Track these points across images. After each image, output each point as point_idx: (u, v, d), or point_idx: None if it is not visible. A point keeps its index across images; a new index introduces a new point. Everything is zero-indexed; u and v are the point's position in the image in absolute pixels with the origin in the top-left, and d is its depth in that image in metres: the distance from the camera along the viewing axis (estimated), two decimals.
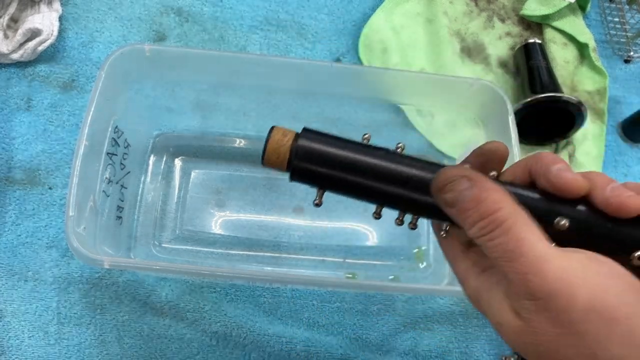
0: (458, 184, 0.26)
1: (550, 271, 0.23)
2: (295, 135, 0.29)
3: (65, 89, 0.62)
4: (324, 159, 0.28)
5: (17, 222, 0.56)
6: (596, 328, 0.22)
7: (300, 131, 0.29)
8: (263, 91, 0.56)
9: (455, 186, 0.26)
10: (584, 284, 0.22)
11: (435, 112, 0.60)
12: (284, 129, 0.29)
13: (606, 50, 0.74)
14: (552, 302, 0.22)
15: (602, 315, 0.22)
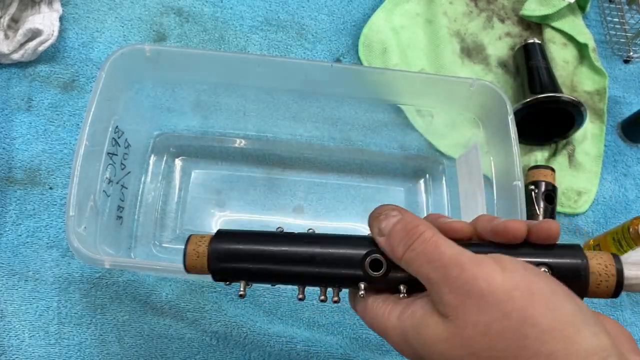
0: (390, 214, 0.29)
1: (467, 260, 0.25)
2: (210, 240, 0.30)
3: (66, 89, 0.62)
4: (237, 256, 0.30)
5: (18, 222, 0.56)
6: (520, 305, 0.23)
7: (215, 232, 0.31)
8: (263, 91, 0.57)
9: (388, 216, 0.29)
10: (499, 268, 0.25)
11: (435, 112, 0.60)
12: (199, 237, 0.31)
13: (606, 51, 0.74)
14: (475, 287, 0.24)
15: (524, 291, 0.24)
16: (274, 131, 0.63)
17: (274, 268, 0.30)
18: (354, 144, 0.63)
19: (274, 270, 0.30)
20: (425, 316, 0.26)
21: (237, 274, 0.30)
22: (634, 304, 0.60)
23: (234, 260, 0.30)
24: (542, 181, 0.60)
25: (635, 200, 0.66)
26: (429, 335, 0.26)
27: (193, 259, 0.30)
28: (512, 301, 0.24)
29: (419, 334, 0.26)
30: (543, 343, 0.23)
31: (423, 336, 0.26)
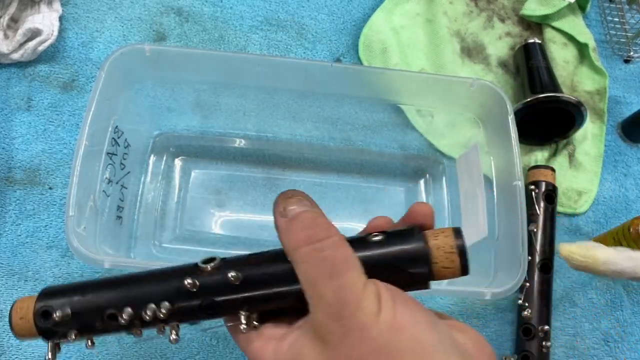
0: (303, 201, 0.27)
1: (361, 289, 0.24)
2: (35, 300, 0.29)
3: (66, 89, 0.62)
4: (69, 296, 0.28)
5: (17, 222, 0.56)
6: (388, 339, 0.24)
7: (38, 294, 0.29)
8: (263, 91, 0.57)
9: (301, 199, 0.27)
10: (382, 300, 0.24)
11: (435, 112, 0.60)
12: (21, 301, 0.29)
13: (606, 50, 0.74)
14: (359, 319, 0.24)
15: (392, 325, 0.24)
16: (274, 131, 0.63)
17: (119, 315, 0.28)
18: (354, 144, 0.63)
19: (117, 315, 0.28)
20: (302, 348, 0.25)
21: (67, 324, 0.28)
22: (635, 304, 0.60)
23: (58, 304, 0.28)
24: (542, 181, 0.60)
25: (635, 200, 0.66)
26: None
27: (19, 325, 0.28)
28: (381, 335, 0.24)
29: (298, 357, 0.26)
30: None
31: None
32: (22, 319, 0.28)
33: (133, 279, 0.28)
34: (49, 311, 0.28)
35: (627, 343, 0.59)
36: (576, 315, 0.59)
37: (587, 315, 0.59)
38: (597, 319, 0.59)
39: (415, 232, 0.27)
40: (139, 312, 0.27)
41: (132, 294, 0.28)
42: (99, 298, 0.28)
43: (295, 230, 0.26)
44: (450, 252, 0.26)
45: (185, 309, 0.28)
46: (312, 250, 0.25)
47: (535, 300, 0.56)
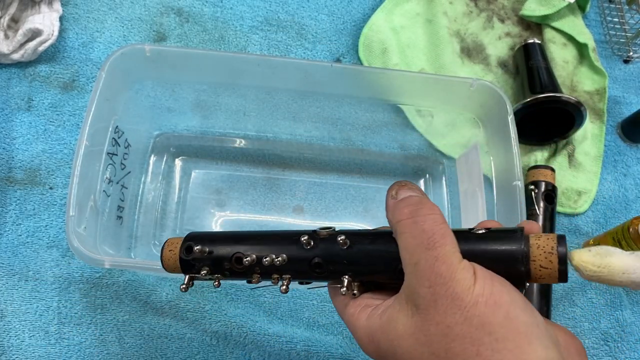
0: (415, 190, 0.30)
1: (455, 262, 0.26)
2: (183, 239, 0.34)
3: (66, 89, 0.62)
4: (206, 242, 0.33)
5: (18, 222, 0.56)
6: (482, 311, 0.24)
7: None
8: (263, 91, 0.57)
9: (411, 189, 0.30)
10: (477, 276, 0.25)
11: (435, 112, 0.60)
12: (173, 239, 0.35)
13: (605, 51, 0.74)
14: (451, 288, 0.25)
15: (488, 299, 0.25)
16: (274, 131, 0.63)
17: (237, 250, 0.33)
18: (354, 144, 0.63)
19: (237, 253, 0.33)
20: (395, 313, 0.27)
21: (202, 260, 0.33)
22: (634, 304, 0.60)
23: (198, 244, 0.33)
24: (542, 181, 0.60)
25: (635, 200, 0.66)
26: (397, 332, 0.27)
27: (167, 253, 0.34)
28: (475, 307, 0.25)
29: (387, 332, 0.27)
30: (495, 352, 0.24)
31: (392, 333, 0.27)
32: (171, 251, 0.34)
33: (262, 234, 0.33)
34: (191, 247, 0.33)
35: (627, 343, 0.59)
36: (576, 315, 0.59)
37: (587, 315, 0.59)
38: (597, 319, 0.59)
39: (518, 231, 0.28)
40: (260, 259, 0.32)
41: (256, 245, 0.32)
42: (232, 244, 0.33)
43: (401, 207, 0.28)
44: (550, 252, 0.27)
45: (298, 264, 0.32)
46: (413, 222, 0.27)
47: (535, 300, 0.56)
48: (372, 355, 0.29)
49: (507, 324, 0.24)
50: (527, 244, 0.27)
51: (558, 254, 0.27)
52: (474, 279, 0.25)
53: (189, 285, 0.34)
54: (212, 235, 0.34)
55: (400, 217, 0.28)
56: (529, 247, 0.27)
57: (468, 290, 0.25)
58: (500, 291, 0.25)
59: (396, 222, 0.28)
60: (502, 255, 0.28)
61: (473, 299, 0.25)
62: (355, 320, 0.30)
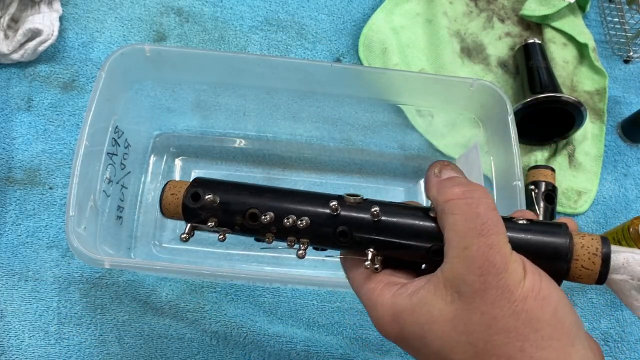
0: (459, 170, 0.28)
1: (508, 253, 0.25)
2: (190, 183, 0.31)
3: (66, 89, 0.62)
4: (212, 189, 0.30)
5: (18, 222, 0.56)
6: (531, 307, 0.24)
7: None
8: (263, 91, 0.57)
9: (457, 169, 0.29)
10: (527, 270, 0.25)
11: (435, 112, 0.60)
12: (175, 181, 0.31)
13: (606, 51, 0.74)
14: (503, 279, 0.24)
15: (537, 294, 0.24)
16: (274, 131, 0.63)
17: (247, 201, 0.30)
18: (354, 144, 0.63)
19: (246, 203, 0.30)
20: (429, 296, 0.26)
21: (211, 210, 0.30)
22: None
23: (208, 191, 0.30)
24: (542, 181, 0.60)
25: (635, 200, 0.66)
26: (431, 316, 0.25)
27: (169, 197, 0.30)
28: (525, 302, 0.24)
29: (418, 314, 0.26)
30: (540, 349, 0.23)
31: (424, 317, 0.25)
32: (173, 195, 0.30)
33: (282, 191, 0.30)
34: (199, 194, 0.30)
35: (627, 343, 0.59)
36: None
37: (587, 315, 0.59)
38: (597, 319, 0.59)
39: (563, 226, 0.27)
40: (280, 218, 0.29)
41: (278, 203, 0.29)
42: (247, 198, 0.30)
43: (451, 185, 0.27)
44: (595, 254, 0.26)
45: (321, 229, 0.29)
46: (467, 205, 0.25)
47: None
48: (391, 336, 0.27)
49: (555, 322, 0.24)
50: (572, 241, 0.27)
51: (602, 255, 0.26)
52: (524, 273, 0.25)
53: (190, 235, 0.30)
54: (225, 184, 0.31)
55: (451, 196, 0.26)
56: (573, 246, 0.27)
57: (519, 283, 0.24)
58: (549, 288, 0.25)
59: (444, 201, 0.26)
60: (545, 250, 0.27)
61: (523, 294, 0.24)
62: (376, 296, 0.27)
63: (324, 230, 0.29)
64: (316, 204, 0.29)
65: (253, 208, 0.29)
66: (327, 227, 0.29)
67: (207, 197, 0.29)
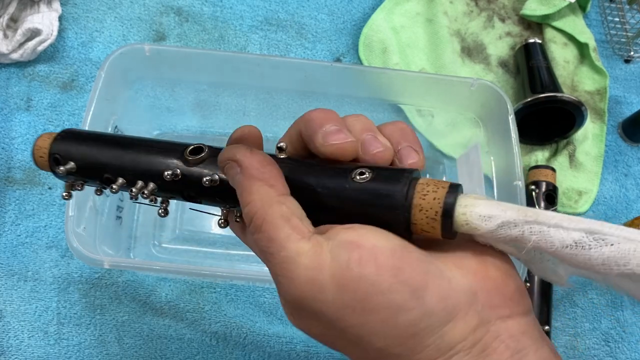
0: (230, 168, 0.25)
1: (298, 275, 0.22)
2: (51, 142, 0.30)
3: (65, 89, 0.62)
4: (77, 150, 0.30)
5: (17, 222, 0.56)
6: (353, 324, 0.21)
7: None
8: (263, 91, 0.56)
9: (228, 170, 0.26)
10: (332, 281, 0.21)
11: (435, 112, 0.60)
12: (41, 140, 0.31)
13: (606, 50, 0.74)
14: (305, 306, 0.22)
15: (355, 309, 0.21)
16: (274, 131, 0.62)
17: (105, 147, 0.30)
18: None
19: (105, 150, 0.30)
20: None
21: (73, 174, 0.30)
22: (635, 304, 0.60)
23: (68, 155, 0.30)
24: (542, 181, 0.60)
25: (635, 200, 0.66)
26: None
27: (39, 159, 0.30)
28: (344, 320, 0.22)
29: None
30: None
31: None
32: (41, 157, 0.30)
33: (133, 145, 0.30)
34: (58, 160, 0.30)
35: (628, 343, 0.59)
36: (576, 315, 0.59)
37: (588, 316, 0.59)
38: (598, 319, 0.59)
39: (404, 180, 0.24)
40: (129, 184, 0.29)
41: (126, 163, 0.29)
42: (100, 158, 0.29)
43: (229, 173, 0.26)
44: (433, 218, 0.23)
45: (169, 193, 0.29)
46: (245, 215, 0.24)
47: (536, 300, 0.56)
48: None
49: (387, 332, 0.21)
50: (410, 202, 0.23)
51: (441, 219, 0.23)
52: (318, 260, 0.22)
53: (69, 194, 0.31)
54: (84, 142, 0.30)
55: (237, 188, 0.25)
56: (411, 209, 0.23)
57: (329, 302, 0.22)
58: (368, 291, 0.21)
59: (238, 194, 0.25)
60: (379, 213, 0.24)
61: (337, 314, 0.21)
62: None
63: (174, 193, 0.29)
64: (161, 164, 0.28)
65: (106, 174, 0.29)
66: (175, 191, 0.29)
67: (60, 169, 0.29)
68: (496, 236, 0.22)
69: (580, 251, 0.20)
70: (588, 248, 0.20)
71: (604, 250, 0.20)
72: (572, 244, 0.21)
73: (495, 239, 0.22)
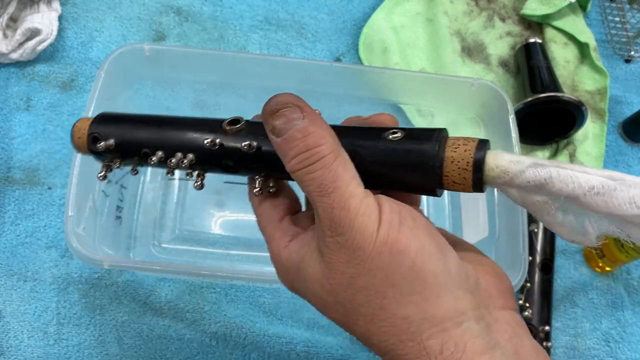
0: (290, 112, 0.26)
1: (354, 207, 0.24)
2: (90, 123, 0.32)
3: (65, 89, 0.61)
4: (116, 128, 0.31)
5: (17, 222, 0.56)
6: (386, 263, 0.23)
7: None
8: (263, 91, 0.56)
9: (287, 112, 0.26)
10: (376, 218, 0.23)
11: (436, 112, 0.60)
12: (81, 122, 0.32)
13: (607, 50, 0.74)
14: (351, 237, 0.23)
15: (392, 248, 0.23)
16: None
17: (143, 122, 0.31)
18: None
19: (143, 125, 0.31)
20: (308, 254, 0.26)
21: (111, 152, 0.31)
22: (635, 304, 0.60)
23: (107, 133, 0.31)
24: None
25: None
26: (307, 274, 0.25)
27: (77, 141, 0.31)
28: (379, 258, 0.23)
29: (299, 272, 0.26)
30: (400, 305, 0.23)
31: (302, 275, 0.26)
32: (79, 138, 0.31)
33: (170, 123, 0.31)
34: (98, 138, 0.31)
35: (628, 343, 0.59)
36: (577, 315, 0.59)
37: (588, 316, 0.59)
38: (598, 319, 0.59)
39: (435, 136, 0.25)
40: (167, 156, 0.30)
41: (164, 138, 0.30)
42: (137, 135, 0.30)
43: (287, 151, 0.25)
44: (465, 168, 0.24)
45: (207, 164, 0.30)
46: (303, 173, 0.25)
47: (536, 300, 0.56)
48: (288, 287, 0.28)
49: (413, 275, 0.23)
50: (443, 154, 0.25)
51: (472, 169, 0.24)
52: (378, 223, 0.23)
53: (106, 174, 0.32)
54: (121, 122, 0.31)
55: (290, 167, 0.25)
56: (443, 161, 0.25)
57: (370, 238, 0.23)
58: (407, 237, 0.23)
59: (290, 172, 0.25)
60: (412, 168, 0.25)
61: (376, 250, 0.23)
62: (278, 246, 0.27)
63: (212, 164, 0.30)
64: (199, 138, 0.29)
65: (145, 149, 0.30)
66: (212, 162, 0.29)
67: (100, 145, 0.30)
68: (525, 179, 0.24)
69: (607, 191, 0.22)
70: (614, 189, 0.22)
71: (630, 190, 0.22)
72: (598, 185, 0.22)
73: (523, 184, 0.24)
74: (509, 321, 0.25)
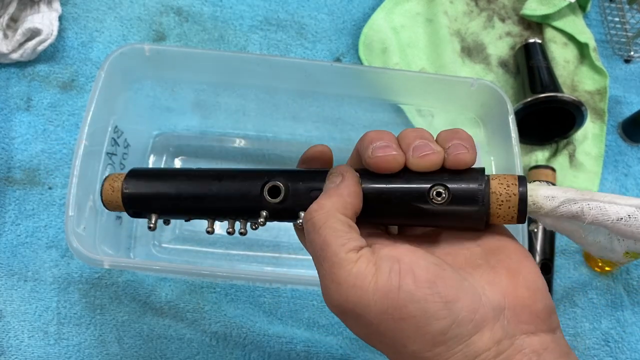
0: (336, 176, 0.28)
1: (344, 280, 0.24)
2: (125, 176, 0.33)
3: (65, 89, 0.62)
4: (148, 187, 0.32)
5: (17, 222, 0.56)
6: (391, 329, 0.24)
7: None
8: (263, 91, 0.56)
9: (333, 177, 0.28)
10: (375, 289, 0.24)
11: (436, 112, 0.60)
12: (115, 174, 0.33)
13: (606, 50, 0.74)
14: (349, 309, 0.24)
15: (393, 315, 0.23)
16: (274, 131, 0.62)
17: (182, 199, 0.32)
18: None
19: (181, 201, 0.32)
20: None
21: (147, 205, 0.32)
22: (635, 304, 0.60)
23: (144, 190, 0.32)
24: (542, 181, 0.60)
25: None
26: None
27: (109, 194, 0.32)
28: (385, 324, 0.24)
29: None
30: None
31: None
32: (112, 192, 0.32)
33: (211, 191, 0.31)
34: (134, 185, 0.32)
35: (628, 343, 0.59)
36: (576, 315, 0.59)
37: (588, 316, 0.59)
38: (598, 319, 0.59)
39: (480, 196, 0.27)
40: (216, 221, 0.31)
41: (206, 209, 0.31)
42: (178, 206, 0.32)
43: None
44: (509, 214, 0.26)
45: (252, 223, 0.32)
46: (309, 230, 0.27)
47: None
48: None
49: (419, 339, 0.23)
50: (489, 212, 0.27)
51: (517, 219, 0.27)
52: (374, 291, 0.24)
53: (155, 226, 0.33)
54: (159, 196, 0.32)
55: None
56: (489, 218, 0.27)
57: (367, 309, 0.24)
58: (407, 301, 0.23)
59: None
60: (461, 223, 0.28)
61: (377, 318, 0.24)
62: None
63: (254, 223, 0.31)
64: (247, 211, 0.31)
65: (190, 217, 0.32)
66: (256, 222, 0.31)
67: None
68: (558, 213, 0.26)
69: (633, 222, 0.25)
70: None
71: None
72: (625, 217, 0.25)
73: (557, 216, 0.26)
74: (535, 349, 0.24)
